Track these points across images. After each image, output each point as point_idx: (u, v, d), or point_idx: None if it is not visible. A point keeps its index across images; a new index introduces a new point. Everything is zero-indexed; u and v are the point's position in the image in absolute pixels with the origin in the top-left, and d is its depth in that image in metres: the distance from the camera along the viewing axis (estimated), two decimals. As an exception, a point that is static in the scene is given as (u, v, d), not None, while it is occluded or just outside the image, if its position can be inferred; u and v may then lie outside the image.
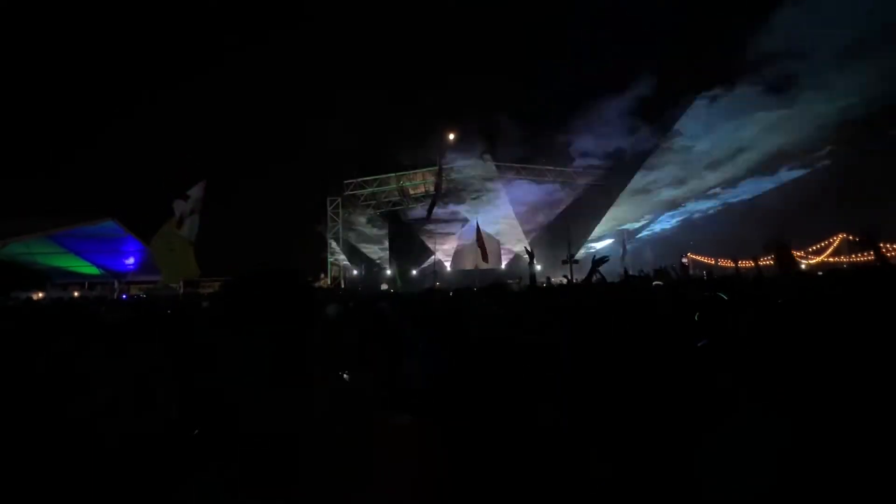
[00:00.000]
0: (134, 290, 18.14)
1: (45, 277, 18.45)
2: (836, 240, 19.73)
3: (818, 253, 19.89)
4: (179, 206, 5.54)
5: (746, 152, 19.38)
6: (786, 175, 20.28)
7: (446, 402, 1.54)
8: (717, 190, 21.37)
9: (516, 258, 22.98)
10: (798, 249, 19.47)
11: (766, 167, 19.90)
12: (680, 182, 20.77)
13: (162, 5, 23.72)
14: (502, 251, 23.36)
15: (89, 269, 18.77)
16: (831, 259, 19.30)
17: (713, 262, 20.10)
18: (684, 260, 17.47)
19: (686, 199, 21.63)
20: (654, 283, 4.97)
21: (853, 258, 17.93)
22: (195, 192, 5.76)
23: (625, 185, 20.20)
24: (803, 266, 17.58)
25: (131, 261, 18.18)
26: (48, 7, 22.10)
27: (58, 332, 2.33)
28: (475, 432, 1.32)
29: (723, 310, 2.13)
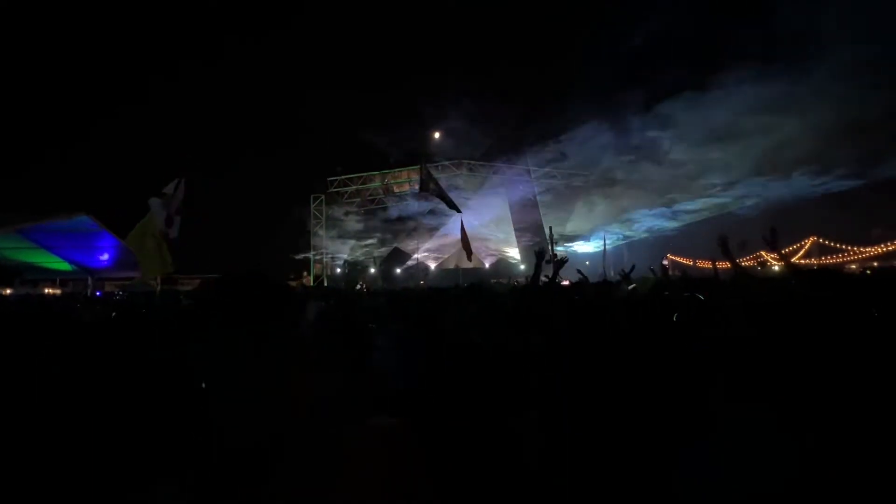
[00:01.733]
0: (109, 287, 17.60)
1: (12, 273, 17.75)
2: (808, 242, 20.47)
3: (790, 255, 20.58)
4: (156, 205, 5.43)
5: (740, 152, 19.06)
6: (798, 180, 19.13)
7: (426, 403, 1.55)
8: (712, 191, 21.24)
9: (500, 259, 23.10)
10: (770, 251, 20.00)
11: (767, 169, 19.29)
12: (669, 182, 20.90)
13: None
14: (487, 252, 23.42)
15: (61, 265, 18.13)
16: (803, 261, 19.99)
17: (691, 263, 20.58)
18: (665, 262, 17.84)
19: (675, 201, 21.65)
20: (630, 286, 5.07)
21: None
22: (172, 190, 5.65)
23: (610, 184, 20.44)
24: (776, 268, 18.13)
25: (106, 257, 17.60)
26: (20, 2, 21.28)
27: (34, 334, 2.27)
28: (455, 433, 1.33)
29: (701, 310, 2.20)
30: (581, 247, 23.43)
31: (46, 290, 16.26)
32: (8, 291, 14.15)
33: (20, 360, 1.46)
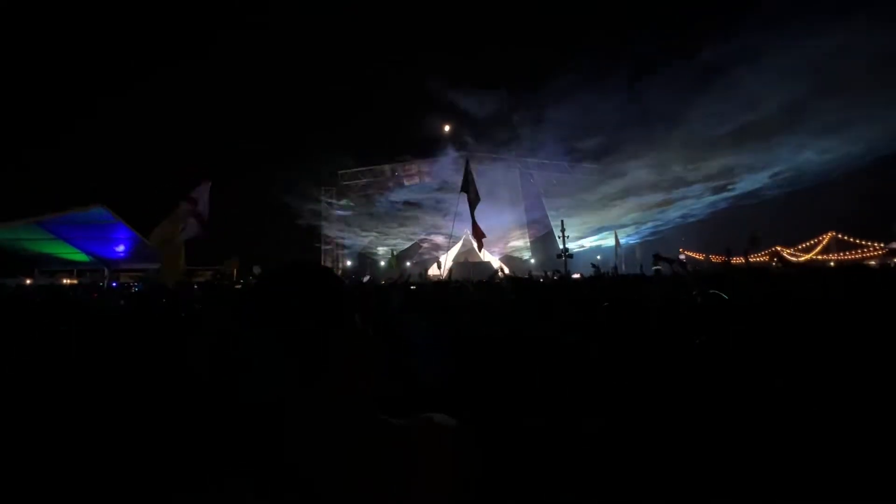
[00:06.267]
0: (124, 278, 17.92)
1: (32, 264, 18.15)
2: (826, 238, 20.02)
3: (807, 251, 20.17)
4: (185, 209, 5.55)
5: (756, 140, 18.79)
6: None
7: (463, 399, 1.54)
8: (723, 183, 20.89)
9: (505, 255, 23.04)
10: (788, 246, 19.69)
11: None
12: (679, 176, 20.60)
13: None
14: (494, 246, 23.34)
15: (78, 255, 18.49)
16: (820, 257, 19.58)
17: (703, 258, 20.27)
18: (682, 257, 17.55)
19: (687, 196, 21.36)
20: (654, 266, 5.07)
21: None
22: (200, 193, 5.74)
23: (624, 182, 20.21)
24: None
25: (121, 248, 17.91)
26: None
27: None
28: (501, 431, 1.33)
29: (723, 308, 2.17)
30: (592, 242, 23.22)
31: (64, 281, 16.59)
32: (28, 281, 14.48)
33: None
